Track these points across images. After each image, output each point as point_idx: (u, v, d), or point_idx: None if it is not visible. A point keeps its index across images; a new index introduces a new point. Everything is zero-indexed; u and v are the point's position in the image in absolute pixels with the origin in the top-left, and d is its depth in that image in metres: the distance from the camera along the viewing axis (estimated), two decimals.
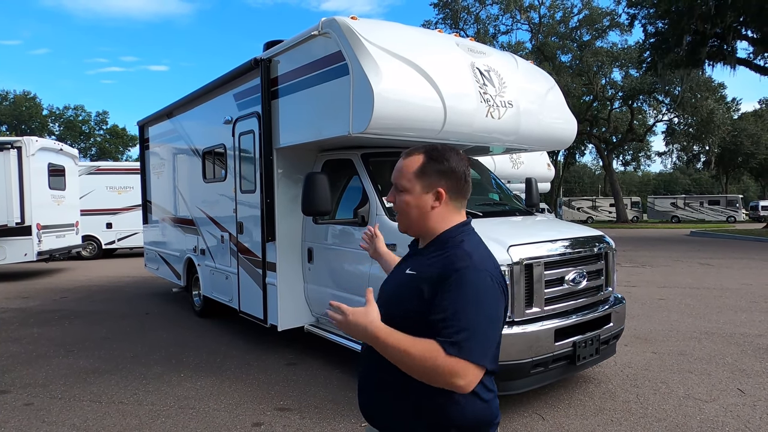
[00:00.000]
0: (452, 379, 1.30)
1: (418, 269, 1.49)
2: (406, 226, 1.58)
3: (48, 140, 12.95)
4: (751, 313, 7.26)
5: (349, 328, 1.35)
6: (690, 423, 3.74)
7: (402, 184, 1.54)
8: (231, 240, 6.21)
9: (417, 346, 1.31)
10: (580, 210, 46.91)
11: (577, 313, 4.06)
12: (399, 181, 1.54)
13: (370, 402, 1.56)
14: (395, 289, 1.55)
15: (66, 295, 9.79)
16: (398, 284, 1.55)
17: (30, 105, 57.01)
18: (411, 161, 1.54)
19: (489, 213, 4.79)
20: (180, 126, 7.78)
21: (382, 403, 1.52)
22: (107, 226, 16.20)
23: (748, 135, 48.73)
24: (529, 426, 3.76)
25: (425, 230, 1.55)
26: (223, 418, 3.98)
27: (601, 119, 43.92)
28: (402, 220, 1.57)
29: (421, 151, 1.55)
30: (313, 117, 4.63)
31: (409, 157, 1.55)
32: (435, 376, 1.31)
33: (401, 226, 1.58)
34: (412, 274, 1.49)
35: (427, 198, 1.51)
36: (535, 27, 39.39)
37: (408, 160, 1.55)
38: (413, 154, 1.56)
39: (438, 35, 4.92)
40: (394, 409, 1.48)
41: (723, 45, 23.63)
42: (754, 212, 44.34)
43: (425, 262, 1.49)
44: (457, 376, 1.29)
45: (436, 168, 1.51)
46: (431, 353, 1.30)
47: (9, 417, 4.08)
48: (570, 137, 5.74)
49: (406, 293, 1.47)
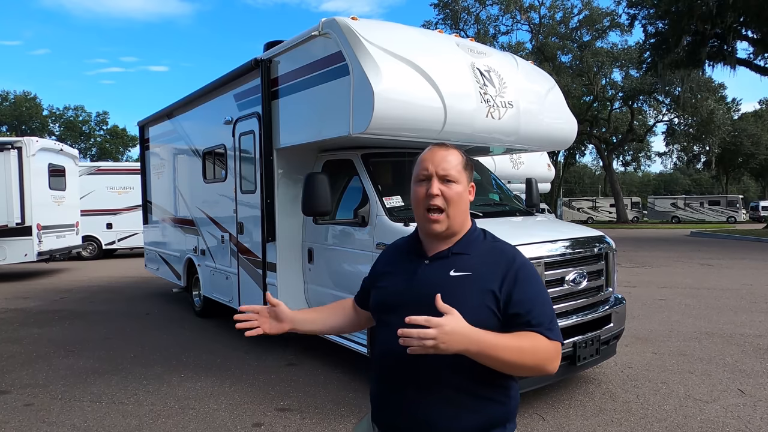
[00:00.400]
0: (553, 363, 1.37)
1: (469, 269, 1.45)
2: (452, 221, 1.48)
3: (48, 141, 12.96)
4: (751, 313, 7.25)
5: (449, 339, 1.22)
6: (690, 423, 3.74)
7: (453, 175, 1.48)
8: (231, 240, 6.21)
9: (524, 340, 1.34)
10: (581, 210, 46.91)
11: (578, 313, 4.06)
12: (450, 171, 1.47)
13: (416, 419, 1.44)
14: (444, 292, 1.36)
15: (66, 296, 9.79)
16: (446, 288, 1.39)
17: (30, 105, 57.01)
18: (454, 153, 1.52)
19: (489, 213, 4.79)
20: (180, 126, 7.78)
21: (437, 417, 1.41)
22: (107, 227, 16.22)
23: (748, 135, 48.76)
24: (530, 426, 3.75)
25: (462, 225, 1.53)
26: (223, 419, 3.98)
27: (602, 119, 43.92)
28: (453, 213, 1.48)
29: (451, 146, 1.55)
30: (314, 117, 4.63)
31: (449, 150, 1.52)
32: (539, 364, 1.36)
33: (443, 225, 1.48)
34: (465, 275, 1.44)
35: (468, 192, 1.53)
36: (535, 27, 39.41)
37: (451, 153, 1.52)
38: (449, 147, 1.54)
39: (438, 36, 4.92)
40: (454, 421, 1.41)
41: (723, 45, 23.63)
42: (754, 212, 44.34)
43: (473, 261, 1.47)
44: (555, 360, 1.38)
45: (470, 164, 1.56)
46: (538, 342, 1.35)
47: (9, 417, 4.08)
48: (570, 137, 5.74)
49: (468, 295, 1.40)
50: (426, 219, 1.48)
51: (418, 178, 1.51)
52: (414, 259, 1.55)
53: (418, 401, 1.43)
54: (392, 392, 1.48)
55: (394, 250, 1.69)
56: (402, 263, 1.58)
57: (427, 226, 1.49)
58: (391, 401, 1.48)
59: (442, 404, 1.41)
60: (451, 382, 1.40)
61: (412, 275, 1.50)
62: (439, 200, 1.46)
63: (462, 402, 1.41)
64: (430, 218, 1.47)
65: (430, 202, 1.46)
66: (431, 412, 1.41)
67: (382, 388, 1.53)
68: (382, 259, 1.70)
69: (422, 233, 1.56)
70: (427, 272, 1.49)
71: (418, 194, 1.50)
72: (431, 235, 1.52)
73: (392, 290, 1.53)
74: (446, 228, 1.49)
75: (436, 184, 1.47)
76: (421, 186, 1.50)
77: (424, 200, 1.47)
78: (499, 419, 1.46)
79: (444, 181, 1.47)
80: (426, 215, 1.48)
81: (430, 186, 1.47)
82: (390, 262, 1.64)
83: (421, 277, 1.49)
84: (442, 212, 1.47)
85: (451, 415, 1.41)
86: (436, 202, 1.46)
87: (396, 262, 1.61)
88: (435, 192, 1.46)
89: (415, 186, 1.52)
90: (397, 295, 1.50)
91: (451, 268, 1.46)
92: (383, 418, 1.53)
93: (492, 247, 1.52)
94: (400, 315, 1.36)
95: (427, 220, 1.48)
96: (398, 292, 1.51)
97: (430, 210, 1.47)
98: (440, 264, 1.49)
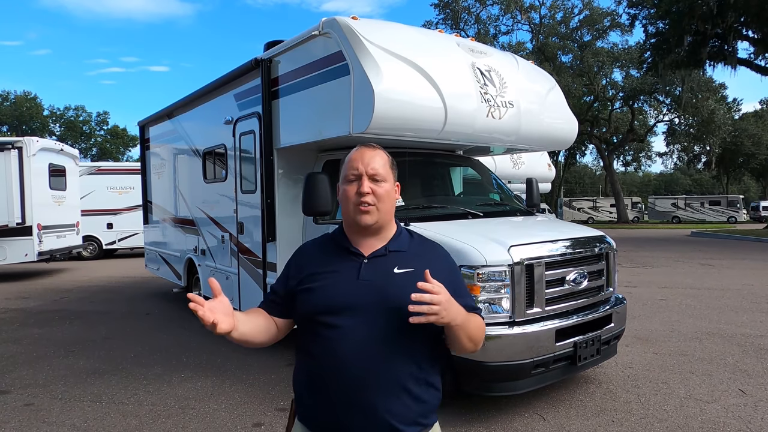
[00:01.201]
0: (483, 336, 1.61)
1: (411, 266, 1.53)
2: (379, 217, 1.55)
3: (49, 141, 12.97)
4: (752, 313, 7.24)
5: (448, 309, 1.37)
6: (691, 424, 3.73)
7: (382, 174, 1.56)
8: (231, 240, 6.20)
9: (475, 317, 1.56)
10: (581, 210, 46.90)
11: (578, 313, 4.05)
12: (378, 170, 1.55)
13: (374, 414, 1.46)
14: (395, 289, 1.47)
15: (66, 296, 9.78)
16: (393, 285, 1.49)
17: (31, 105, 57.02)
18: (381, 154, 1.60)
19: (490, 213, 4.78)
20: (180, 126, 7.77)
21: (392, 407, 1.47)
22: (108, 227, 16.22)
23: (748, 135, 48.70)
24: (530, 426, 3.75)
25: (390, 221, 1.62)
26: (223, 419, 3.97)
27: (602, 119, 43.89)
28: (382, 209, 1.55)
29: (377, 146, 1.62)
30: (314, 117, 4.63)
31: (376, 150, 1.60)
32: (481, 338, 1.57)
33: (374, 217, 1.54)
34: (409, 271, 1.52)
35: (394, 191, 1.61)
36: (536, 27, 39.39)
37: (378, 153, 1.60)
38: (376, 148, 1.62)
39: (439, 35, 4.91)
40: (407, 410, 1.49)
41: (724, 45, 23.63)
42: (754, 213, 44.30)
43: (411, 258, 1.57)
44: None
45: (395, 164, 1.65)
46: (480, 320, 1.59)
47: (9, 417, 4.07)
48: (571, 137, 5.73)
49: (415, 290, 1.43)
50: (358, 211, 1.53)
51: (348, 178, 1.57)
52: (348, 258, 1.57)
53: (376, 397, 1.46)
54: (341, 392, 1.47)
55: (316, 250, 1.66)
56: (334, 263, 1.57)
57: (359, 217, 1.54)
58: (341, 401, 1.47)
59: (397, 396, 1.47)
60: (406, 372, 1.48)
61: (355, 275, 1.53)
62: (369, 197, 1.53)
63: (413, 392, 1.49)
64: (361, 209, 1.53)
65: (362, 200, 1.53)
66: (389, 404, 1.46)
67: (327, 391, 1.49)
68: (304, 259, 1.65)
69: (352, 230, 1.60)
70: (371, 271, 1.53)
71: (349, 193, 1.55)
72: (361, 228, 1.56)
73: (335, 291, 1.51)
74: (376, 221, 1.55)
75: (366, 182, 1.53)
76: (351, 185, 1.55)
77: (355, 198, 1.54)
78: (436, 405, 1.58)
79: (373, 179, 1.55)
80: (357, 208, 1.53)
81: (360, 185, 1.53)
82: (317, 262, 1.60)
83: (366, 277, 1.52)
84: (373, 206, 1.54)
85: (404, 405, 1.48)
86: (367, 200, 1.53)
87: (326, 262, 1.59)
88: (366, 190, 1.52)
89: (345, 185, 1.57)
90: (344, 296, 1.50)
91: (394, 266, 1.54)
92: (326, 418, 1.50)
93: (422, 245, 1.65)
94: (352, 316, 1.48)
95: (359, 212, 1.53)
96: (344, 293, 1.50)
97: (361, 205, 1.54)
98: (380, 262, 1.55)
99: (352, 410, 1.47)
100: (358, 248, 1.58)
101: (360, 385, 1.46)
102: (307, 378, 1.56)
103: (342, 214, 1.61)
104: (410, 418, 1.49)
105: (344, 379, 1.47)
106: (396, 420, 1.46)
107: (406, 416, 1.48)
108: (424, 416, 1.53)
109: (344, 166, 1.60)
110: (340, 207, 1.61)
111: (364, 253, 1.56)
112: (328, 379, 1.49)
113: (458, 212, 4.60)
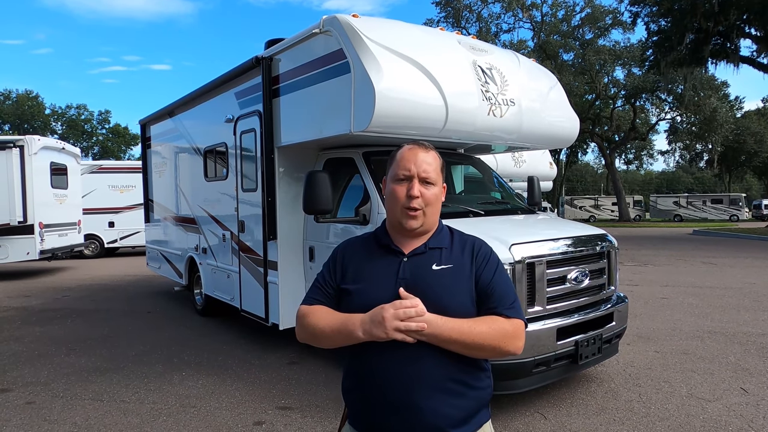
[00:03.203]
0: (513, 342, 1.47)
1: (449, 262, 1.53)
2: (425, 221, 1.54)
3: (50, 139, 12.99)
4: (754, 312, 7.22)
5: (431, 319, 1.39)
6: (693, 422, 3.72)
7: (433, 177, 1.54)
8: (232, 239, 6.20)
9: (484, 321, 1.46)
10: (583, 209, 46.84)
11: (580, 312, 4.04)
12: (430, 174, 1.53)
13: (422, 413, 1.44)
14: (432, 286, 1.48)
15: (68, 294, 9.80)
16: (433, 280, 1.49)
17: (33, 104, 57.10)
18: (434, 156, 1.57)
19: (491, 211, 4.77)
20: (181, 125, 7.77)
21: (437, 406, 1.45)
22: (109, 225, 16.24)
23: (751, 133, 48.55)
24: (531, 425, 3.74)
25: (434, 223, 1.60)
26: (224, 417, 3.97)
27: (604, 118, 43.81)
28: (429, 212, 1.54)
29: (430, 146, 1.59)
30: (315, 115, 4.62)
31: (429, 151, 1.57)
32: (499, 345, 1.44)
33: (420, 221, 1.53)
34: (447, 267, 1.52)
35: (441, 193, 1.59)
36: (538, 25, 39.32)
37: (431, 155, 1.56)
38: (429, 148, 1.58)
39: (440, 33, 4.90)
40: (453, 409, 1.47)
41: (726, 43, 23.56)
42: (757, 211, 44.21)
43: (449, 254, 1.55)
44: (516, 338, 1.48)
45: (444, 166, 1.61)
46: (497, 322, 1.46)
47: (11, 415, 4.08)
48: (572, 135, 5.72)
49: (455, 285, 1.50)
50: (405, 215, 1.53)
51: (398, 177, 1.54)
52: (388, 256, 1.56)
53: (420, 398, 1.44)
54: (386, 394, 1.47)
55: (359, 247, 1.65)
56: (375, 261, 1.57)
57: (406, 221, 1.53)
58: (387, 402, 1.47)
59: (441, 396, 1.45)
60: (447, 371, 1.46)
61: (395, 273, 1.52)
62: (418, 201, 1.51)
63: (457, 391, 1.47)
64: (409, 214, 1.52)
65: (411, 204, 1.51)
66: (434, 405, 1.44)
67: (372, 392, 1.50)
68: (347, 256, 1.64)
69: (395, 229, 1.59)
70: (410, 269, 1.52)
71: (398, 193, 1.53)
72: (407, 232, 1.56)
73: (375, 292, 1.49)
74: (421, 225, 1.54)
75: (416, 185, 1.52)
76: (401, 185, 1.53)
77: (405, 200, 1.52)
78: (483, 402, 1.56)
79: (424, 182, 1.53)
80: (405, 211, 1.52)
81: (411, 187, 1.52)
82: (359, 260, 1.60)
83: (405, 275, 1.51)
84: (420, 210, 1.52)
85: (449, 406, 1.46)
86: (416, 204, 1.51)
87: (367, 261, 1.58)
88: (416, 194, 1.51)
89: (394, 184, 1.55)
90: (383, 297, 1.47)
91: (433, 263, 1.53)
92: (373, 419, 1.51)
93: (460, 240, 1.62)
94: None
95: (406, 216, 1.52)
96: (383, 293, 1.48)
97: (409, 209, 1.52)
98: (420, 260, 1.54)
99: (399, 412, 1.45)
100: (399, 246, 1.57)
101: (402, 387, 1.45)
102: (353, 380, 1.57)
103: (387, 211, 1.61)
104: (457, 418, 1.46)
105: (387, 381, 1.46)
106: (442, 421, 1.44)
107: (453, 416, 1.46)
108: (471, 416, 1.50)
109: (394, 163, 1.57)
110: (386, 204, 1.60)
111: (404, 251, 1.56)
112: (371, 380, 1.49)
113: (459, 210, 4.59)
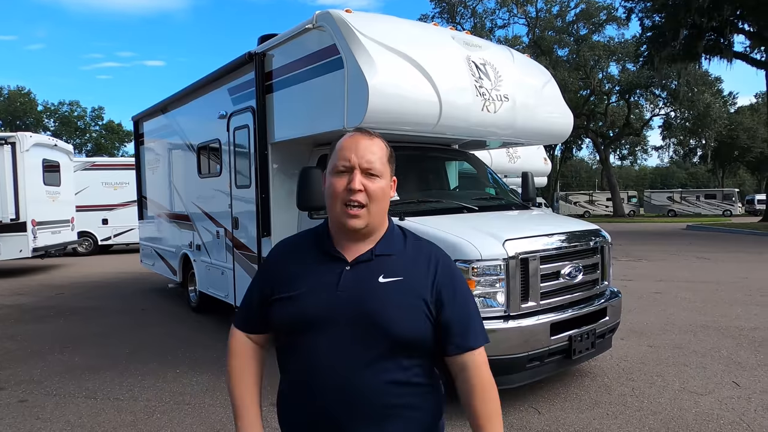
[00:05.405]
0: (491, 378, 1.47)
1: (399, 273, 1.33)
2: (372, 217, 1.33)
3: (42, 136, 12.91)
4: (746, 306, 7.27)
5: None
6: (685, 416, 3.75)
7: (378, 168, 1.33)
8: (226, 235, 6.18)
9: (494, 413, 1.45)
10: (577, 204, 47.05)
11: (573, 307, 4.05)
12: (374, 164, 1.32)
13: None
14: (379, 303, 1.29)
15: (61, 292, 9.75)
16: (378, 297, 1.30)
17: (25, 101, 56.64)
18: (379, 144, 1.37)
19: (485, 207, 4.78)
20: (175, 121, 7.73)
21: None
22: (103, 222, 16.15)
23: (744, 129, 48.90)
24: (525, 420, 3.76)
25: (382, 223, 1.39)
26: (218, 414, 3.97)
27: (598, 113, 43.93)
28: (374, 210, 1.33)
29: (376, 134, 1.40)
30: (308, 111, 4.60)
31: (374, 139, 1.37)
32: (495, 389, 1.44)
33: (364, 220, 1.32)
34: (397, 280, 1.32)
35: (390, 187, 1.40)
36: (532, 21, 39.37)
37: (376, 142, 1.36)
38: (373, 136, 1.38)
39: (434, 28, 4.89)
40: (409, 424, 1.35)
41: (720, 39, 23.65)
42: (750, 206, 44.52)
43: (400, 263, 1.35)
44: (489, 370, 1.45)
45: (393, 156, 1.41)
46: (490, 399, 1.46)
47: (3, 414, 4.06)
48: (566, 131, 5.73)
49: (405, 302, 1.30)
50: (344, 213, 1.31)
51: (337, 168, 1.33)
52: (328, 263, 1.35)
53: (359, 425, 1.28)
54: (318, 417, 1.31)
55: (295, 251, 1.44)
56: (314, 267, 1.36)
57: (346, 221, 1.32)
58: (320, 427, 1.31)
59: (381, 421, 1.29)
60: (390, 393, 1.29)
61: (334, 284, 1.32)
62: (361, 196, 1.30)
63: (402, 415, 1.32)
64: (349, 212, 1.31)
65: (351, 197, 1.30)
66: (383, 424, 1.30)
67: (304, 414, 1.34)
68: (280, 260, 1.45)
69: (336, 229, 1.38)
70: (353, 280, 1.32)
71: (337, 187, 1.32)
72: (348, 232, 1.35)
73: (311, 303, 1.31)
74: (366, 225, 1.33)
75: (358, 177, 1.31)
76: (340, 178, 1.32)
77: (344, 194, 1.31)
78: (433, 421, 1.42)
79: (367, 174, 1.32)
80: (344, 209, 1.31)
81: (351, 179, 1.31)
82: (295, 266, 1.39)
83: (347, 287, 1.31)
84: (363, 207, 1.31)
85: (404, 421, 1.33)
86: (358, 198, 1.30)
87: (305, 267, 1.38)
88: (357, 187, 1.30)
89: (333, 177, 1.33)
90: (321, 309, 1.30)
91: (380, 274, 1.32)
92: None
93: (415, 247, 1.41)
94: (329, 331, 1.28)
95: (345, 215, 1.31)
96: (320, 304, 1.30)
97: (350, 205, 1.31)
98: (364, 268, 1.33)
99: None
100: (342, 251, 1.36)
101: (338, 411, 1.27)
102: (285, 398, 1.40)
103: (327, 209, 1.37)
104: None
105: (321, 403, 1.29)
106: None
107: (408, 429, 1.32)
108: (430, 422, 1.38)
109: (334, 154, 1.36)
110: (326, 201, 1.37)
111: (347, 257, 1.35)
112: (303, 400, 1.33)
113: (453, 206, 4.59)
